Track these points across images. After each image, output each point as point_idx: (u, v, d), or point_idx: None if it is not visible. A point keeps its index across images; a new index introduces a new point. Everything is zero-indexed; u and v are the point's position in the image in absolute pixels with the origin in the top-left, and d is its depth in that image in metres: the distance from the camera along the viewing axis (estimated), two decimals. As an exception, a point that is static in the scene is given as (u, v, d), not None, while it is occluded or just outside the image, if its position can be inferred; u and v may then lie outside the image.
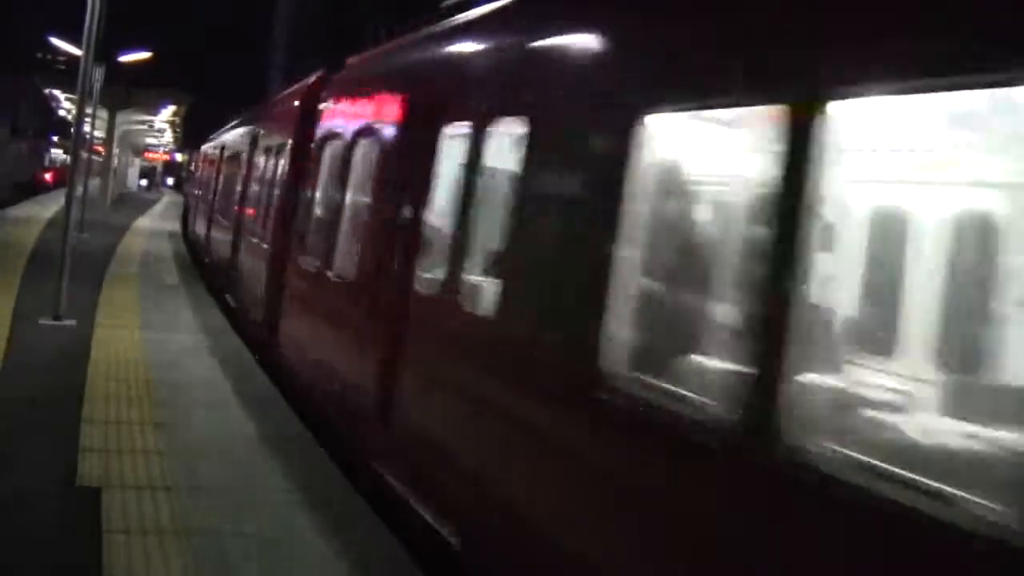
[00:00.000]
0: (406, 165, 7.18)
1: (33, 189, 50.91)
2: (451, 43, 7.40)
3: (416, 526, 5.97)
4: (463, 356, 5.80)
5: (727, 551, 3.40)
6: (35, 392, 8.47)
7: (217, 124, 29.33)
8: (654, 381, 4.06)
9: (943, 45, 2.88)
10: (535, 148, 5.28)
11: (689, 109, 4.16)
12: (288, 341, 10.41)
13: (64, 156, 64.25)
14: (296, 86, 13.88)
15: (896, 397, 4.39)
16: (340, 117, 10.00)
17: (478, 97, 6.32)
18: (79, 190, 15.94)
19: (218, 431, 7.85)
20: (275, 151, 13.13)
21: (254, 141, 15.81)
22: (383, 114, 8.31)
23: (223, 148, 22.22)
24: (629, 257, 4.20)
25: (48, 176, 61.77)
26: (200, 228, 24.21)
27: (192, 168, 44.52)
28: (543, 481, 4.62)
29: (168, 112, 51.87)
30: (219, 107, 47.80)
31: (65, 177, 19.59)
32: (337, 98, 10.45)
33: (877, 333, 5.00)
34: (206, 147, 30.13)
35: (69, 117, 53.36)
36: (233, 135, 20.91)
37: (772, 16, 3.64)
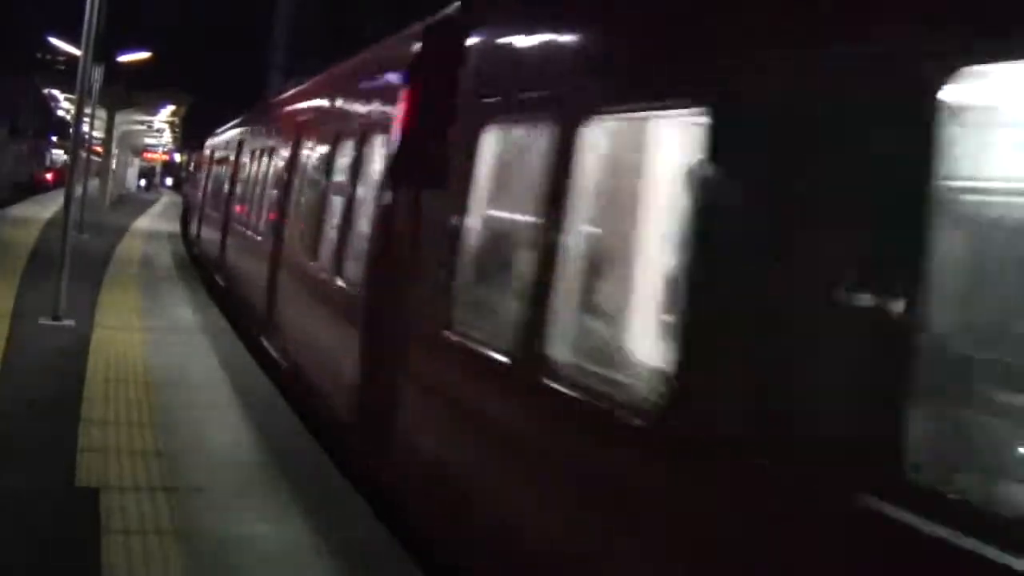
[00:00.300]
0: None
1: (32, 188, 51.37)
2: None
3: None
4: None
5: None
6: (34, 392, 8.45)
7: (216, 124, 28.15)
8: None
9: None
10: None
11: None
12: (438, 483, 5.70)
13: (65, 157, 64.56)
14: (396, 38, 8.36)
15: None
16: (535, 77, 5.27)
17: None
18: (78, 190, 15.92)
19: (218, 431, 7.84)
20: (354, 145, 8.57)
21: (299, 132, 11.60)
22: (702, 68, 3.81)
23: (241, 144, 18.00)
24: None
25: (49, 176, 62.35)
26: (207, 236, 20.71)
27: (193, 168, 44.32)
28: None
29: (167, 112, 51.86)
30: (219, 107, 47.82)
31: (65, 177, 19.51)
32: (512, 47, 5.81)
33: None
34: (215, 142, 25.43)
35: (68, 117, 53.38)
36: (259, 125, 16.40)
37: None
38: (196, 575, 5.05)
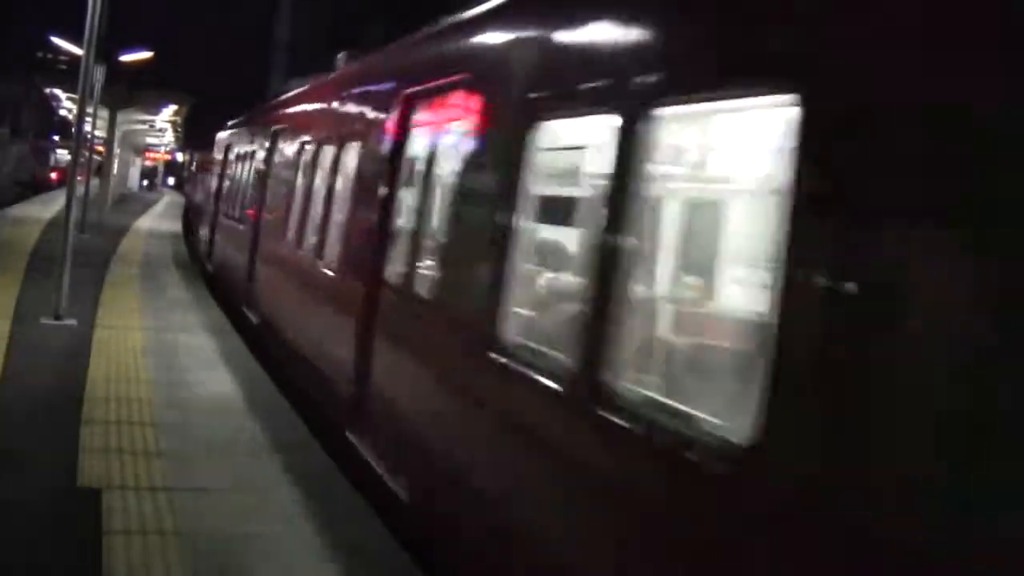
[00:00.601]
0: None
1: (35, 187, 51.97)
2: None
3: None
4: None
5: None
6: (35, 392, 8.46)
7: (217, 123, 27.23)
8: None
9: None
10: None
11: None
12: None
13: (69, 157, 65.29)
14: None
15: None
16: None
17: None
18: (80, 190, 15.92)
19: (219, 432, 7.84)
20: (623, 136, 4.05)
21: (408, 116, 7.40)
22: None
23: (277, 136, 13.66)
24: None
25: (53, 175, 63.11)
26: (228, 254, 17.09)
27: (195, 168, 44.24)
28: None
29: (169, 112, 51.88)
30: (221, 106, 47.89)
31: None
32: None
33: None
34: (231, 136, 20.69)
35: (70, 117, 53.52)
36: (314, 111, 11.98)
37: None
38: (197, 575, 5.06)
